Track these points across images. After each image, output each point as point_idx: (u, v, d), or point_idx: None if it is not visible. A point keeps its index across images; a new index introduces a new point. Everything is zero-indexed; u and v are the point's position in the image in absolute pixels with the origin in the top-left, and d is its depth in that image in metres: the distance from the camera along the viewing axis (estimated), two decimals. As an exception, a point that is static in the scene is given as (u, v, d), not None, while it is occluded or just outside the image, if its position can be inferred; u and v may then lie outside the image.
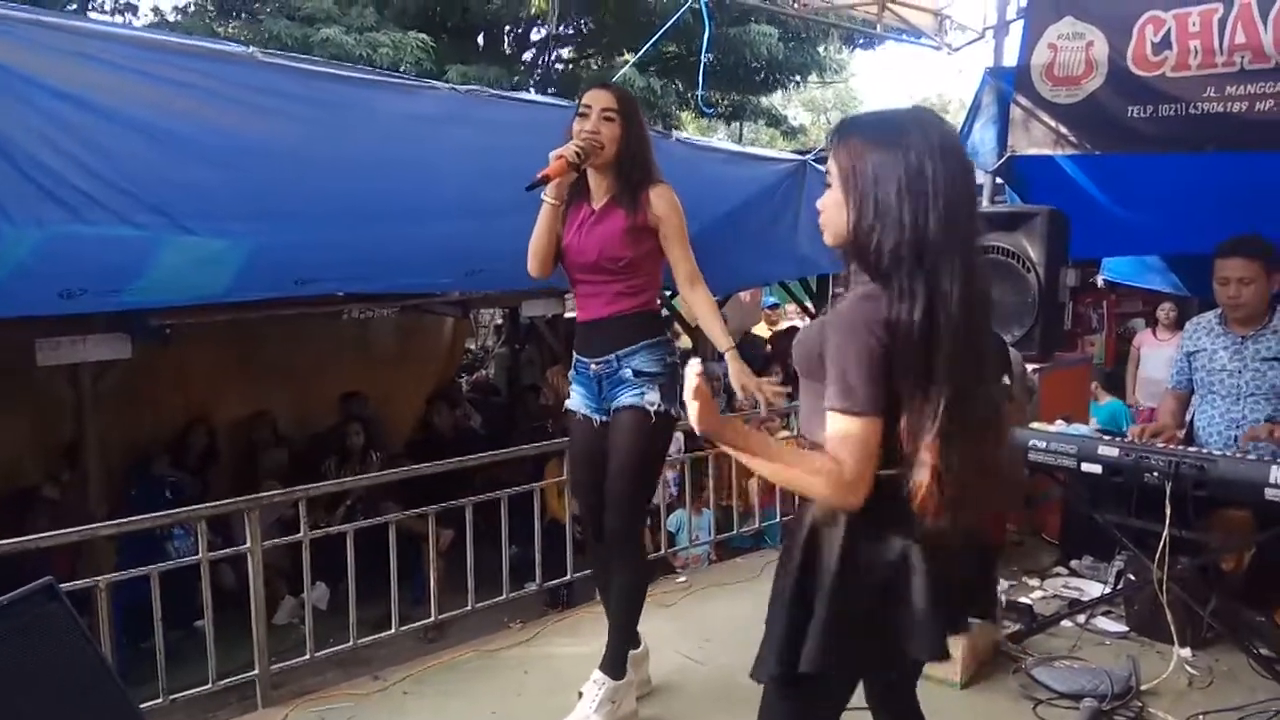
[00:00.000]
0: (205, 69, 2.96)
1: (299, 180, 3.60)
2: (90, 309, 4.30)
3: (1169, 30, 4.34)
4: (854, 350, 1.51)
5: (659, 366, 2.60)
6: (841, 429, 1.51)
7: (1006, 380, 3.93)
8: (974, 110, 5.15)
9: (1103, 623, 3.43)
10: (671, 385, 2.60)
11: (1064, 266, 4.74)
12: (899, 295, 1.50)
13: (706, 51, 5.40)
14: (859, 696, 1.78)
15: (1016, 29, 5.04)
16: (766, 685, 1.71)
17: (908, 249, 1.50)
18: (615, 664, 2.70)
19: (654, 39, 6.10)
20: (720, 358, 8.33)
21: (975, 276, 1.55)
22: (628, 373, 2.59)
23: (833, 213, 1.62)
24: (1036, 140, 4.86)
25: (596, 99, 2.56)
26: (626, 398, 2.58)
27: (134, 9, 10.95)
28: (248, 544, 3.00)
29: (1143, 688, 2.87)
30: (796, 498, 1.72)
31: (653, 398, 2.58)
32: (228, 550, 3.16)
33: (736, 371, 2.60)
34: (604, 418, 2.67)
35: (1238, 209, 4.19)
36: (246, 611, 3.04)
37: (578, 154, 2.49)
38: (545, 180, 2.49)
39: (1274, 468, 2.72)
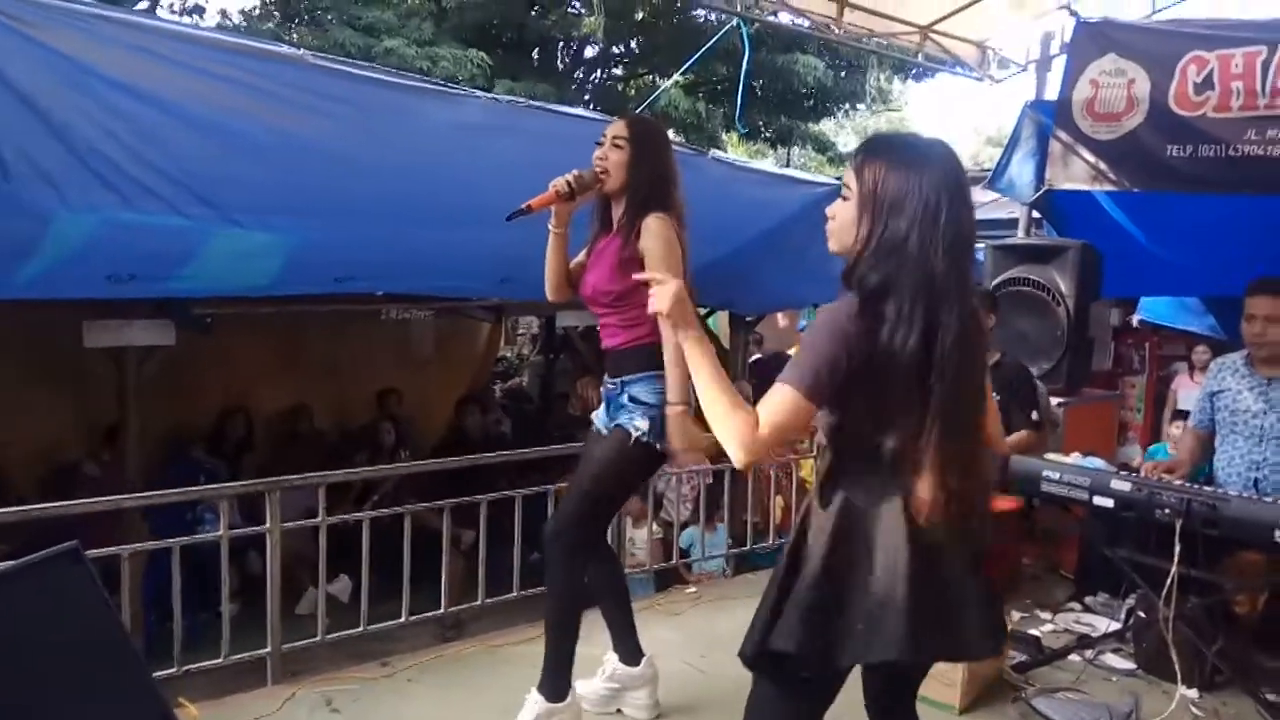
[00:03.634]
0: (259, 69, 3.08)
1: (343, 180, 3.72)
2: (137, 294, 4.46)
3: (1212, 70, 4.33)
4: (823, 343, 1.59)
5: (655, 398, 2.55)
6: (776, 394, 1.60)
7: (1035, 415, 3.94)
8: (1013, 142, 5.17)
9: (1111, 659, 3.41)
10: (665, 420, 2.52)
11: (1095, 301, 4.74)
12: (896, 321, 1.56)
13: (749, 76, 5.47)
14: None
15: (1058, 64, 5.06)
16: (755, 674, 1.76)
17: (910, 278, 1.57)
18: (547, 683, 2.64)
19: (691, 61, 6.20)
20: (748, 374, 8.26)
21: (970, 316, 1.62)
22: (626, 398, 2.59)
23: (843, 224, 1.68)
24: (1075, 175, 4.86)
25: (612, 128, 2.59)
26: (620, 419, 2.59)
27: (201, 10, 11.31)
28: (268, 525, 3.10)
29: (1143, 725, 2.86)
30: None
31: (640, 425, 2.54)
32: (249, 529, 3.26)
33: (674, 429, 2.38)
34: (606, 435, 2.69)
35: (1277, 252, 4.16)
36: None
37: (569, 184, 2.51)
38: (527, 210, 2.50)
39: (1286, 510, 2.71)
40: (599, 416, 2.74)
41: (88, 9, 2.62)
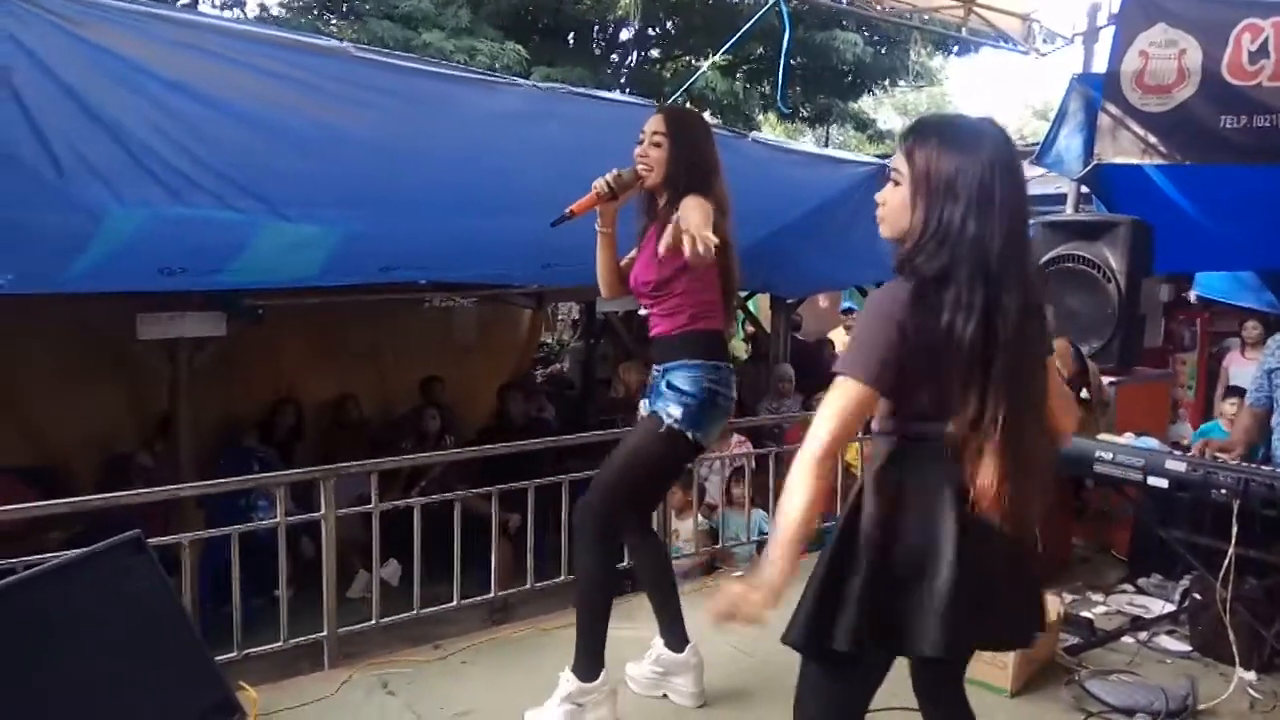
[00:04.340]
0: (303, 63, 3.12)
1: (388, 171, 3.76)
2: (188, 287, 4.55)
3: (1267, 38, 4.22)
4: (877, 331, 1.58)
5: (692, 386, 2.53)
6: (839, 388, 1.59)
7: (1085, 394, 3.87)
8: (1060, 117, 5.07)
9: (1165, 641, 3.36)
10: (699, 410, 2.53)
11: (1146, 278, 4.65)
12: (956, 305, 1.55)
13: (789, 55, 5.41)
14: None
15: (1106, 35, 4.95)
16: (803, 656, 1.77)
17: (970, 262, 1.55)
18: (578, 663, 2.64)
19: (731, 41, 6.15)
20: (789, 357, 8.20)
21: (1031, 293, 1.61)
22: (664, 384, 2.58)
23: (895, 210, 1.67)
24: (1124, 149, 4.76)
25: (649, 124, 2.58)
26: (656, 405, 2.59)
27: (242, 4, 11.42)
28: (322, 511, 3.16)
29: (1200, 707, 2.82)
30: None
31: (674, 411, 2.53)
32: (304, 516, 3.33)
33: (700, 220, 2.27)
34: None
35: (1336, 225, 4.06)
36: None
37: (609, 185, 2.53)
38: (570, 216, 2.53)
39: (1348, 489, 2.65)
40: (644, 403, 2.75)
41: (137, 7, 2.67)
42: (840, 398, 1.59)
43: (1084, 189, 5.18)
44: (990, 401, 1.56)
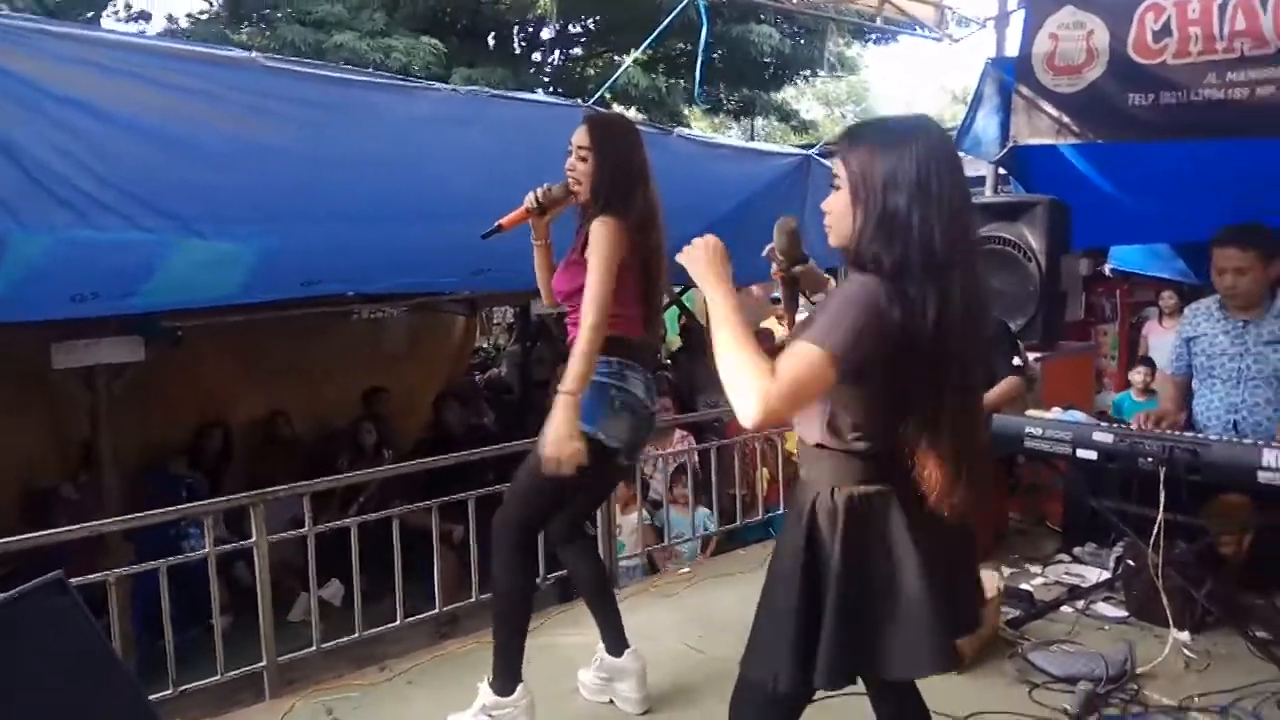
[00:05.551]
0: (211, 75, 3.02)
1: (305, 183, 3.67)
2: (101, 312, 4.37)
3: (1169, 18, 4.34)
4: (857, 313, 1.52)
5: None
6: (798, 352, 1.50)
7: (1018, 360, 3.91)
8: (976, 101, 5.16)
9: (1102, 608, 3.45)
10: (592, 405, 2.44)
11: (1065, 255, 4.77)
12: (913, 302, 1.54)
13: (706, 49, 5.41)
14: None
15: (1018, 19, 5.05)
16: (748, 680, 1.75)
17: (917, 258, 1.55)
18: (495, 675, 2.64)
19: (650, 39, 6.14)
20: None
21: (977, 282, 1.61)
22: None
23: (840, 216, 1.66)
24: (1039, 130, 4.86)
25: (576, 136, 2.55)
26: None
27: (147, 16, 11.08)
28: (254, 539, 3.06)
29: (1139, 671, 2.90)
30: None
31: None
32: (235, 544, 3.22)
33: (557, 423, 2.33)
34: None
35: (1241, 196, 4.19)
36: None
37: (538, 199, 2.54)
38: (499, 230, 2.54)
39: (1266, 451, 2.74)
40: None
41: (31, 24, 2.57)
42: (795, 357, 1.50)
43: (1002, 171, 5.29)
44: (945, 394, 1.58)
